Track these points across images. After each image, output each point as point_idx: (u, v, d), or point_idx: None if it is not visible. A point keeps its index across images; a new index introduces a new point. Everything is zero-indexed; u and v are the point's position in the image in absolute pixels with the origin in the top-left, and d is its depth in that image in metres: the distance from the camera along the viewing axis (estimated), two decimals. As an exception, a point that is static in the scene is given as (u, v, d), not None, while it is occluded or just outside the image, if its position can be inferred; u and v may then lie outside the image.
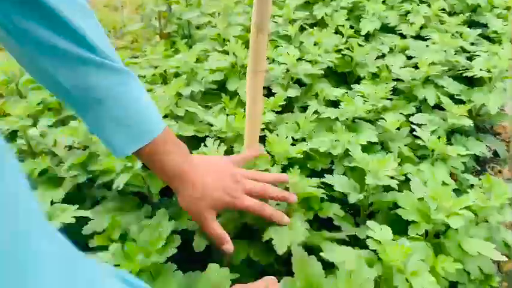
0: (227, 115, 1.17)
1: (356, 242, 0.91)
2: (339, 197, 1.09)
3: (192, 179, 0.73)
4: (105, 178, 0.92)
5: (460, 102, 1.37)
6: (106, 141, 0.69)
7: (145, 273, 0.70)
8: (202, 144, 0.97)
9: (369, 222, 0.82)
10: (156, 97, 1.10)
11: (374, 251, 0.78)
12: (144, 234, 0.74)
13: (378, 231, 0.78)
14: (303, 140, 1.17)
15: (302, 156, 1.12)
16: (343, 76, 1.53)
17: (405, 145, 1.20)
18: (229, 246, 0.77)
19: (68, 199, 0.89)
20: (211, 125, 1.13)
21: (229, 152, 1.16)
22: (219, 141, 0.97)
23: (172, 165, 0.72)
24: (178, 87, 1.15)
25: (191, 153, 0.80)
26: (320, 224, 1.05)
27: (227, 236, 0.77)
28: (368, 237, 0.79)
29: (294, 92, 1.31)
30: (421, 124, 1.26)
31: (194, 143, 1.05)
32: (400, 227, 0.89)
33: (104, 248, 0.74)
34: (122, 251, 0.70)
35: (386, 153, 1.14)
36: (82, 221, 0.83)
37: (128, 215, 0.85)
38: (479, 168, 1.36)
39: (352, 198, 0.97)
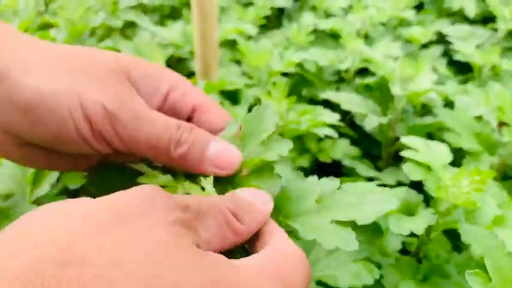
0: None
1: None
2: (349, 134, 0.74)
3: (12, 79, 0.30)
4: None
5: None
6: None
7: None
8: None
9: (404, 138, 0.47)
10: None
11: (418, 186, 0.44)
12: None
13: (425, 151, 0.43)
14: (296, 57, 0.82)
15: (295, 76, 0.78)
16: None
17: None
18: None
19: None
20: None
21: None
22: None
23: None
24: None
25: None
26: (321, 174, 0.71)
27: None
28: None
29: (282, 1, 0.95)
30: (460, 38, 0.90)
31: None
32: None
33: None
34: None
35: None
36: None
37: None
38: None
39: (371, 122, 0.61)
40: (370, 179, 0.61)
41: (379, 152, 0.74)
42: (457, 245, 0.54)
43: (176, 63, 0.83)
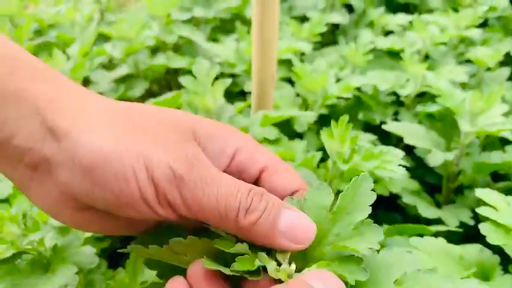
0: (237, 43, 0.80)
1: (442, 233, 0.53)
2: (408, 166, 0.70)
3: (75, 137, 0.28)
4: None
5: None
6: None
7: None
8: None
9: (479, 191, 0.43)
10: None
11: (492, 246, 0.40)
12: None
13: (506, 210, 0.39)
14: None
15: (350, 98, 0.74)
16: (406, 7, 1.12)
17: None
18: None
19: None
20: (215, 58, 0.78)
21: (232, 94, 0.80)
22: (217, 67, 0.60)
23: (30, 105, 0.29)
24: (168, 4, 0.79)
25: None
26: (377, 206, 0.68)
27: None
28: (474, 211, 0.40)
29: (338, 17, 0.92)
30: (530, 61, 0.84)
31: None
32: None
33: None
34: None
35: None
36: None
37: None
38: None
39: (436, 159, 0.57)
40: (431, 220, 0.57)
41: (436, 181, 0.70)
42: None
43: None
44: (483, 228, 0.39)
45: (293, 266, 0.28)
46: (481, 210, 0.39)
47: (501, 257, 0.40)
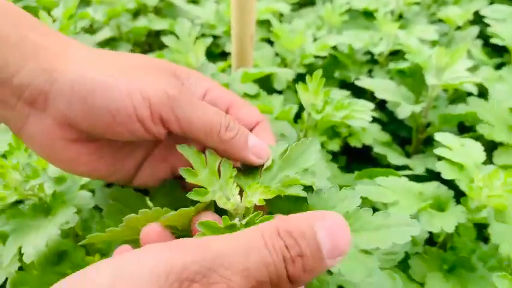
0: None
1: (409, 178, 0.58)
2: (380, 119, 0.75)
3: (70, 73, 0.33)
4: None
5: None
6: None
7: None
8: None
9: (438, 135, 0.48)
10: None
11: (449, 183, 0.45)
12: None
13: (459, 150, 0.44)
14: (329, 38, 0.81)
15: (327, 57, 0.78)
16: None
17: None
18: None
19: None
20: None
21: (213, 55, 0.83)
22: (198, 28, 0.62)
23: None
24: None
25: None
26: (351, 157, 0.72)
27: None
28: (439, 158, 0.45)
29: (316, -22, 0.94)
30: (498, 19, 0.88)
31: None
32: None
33: None
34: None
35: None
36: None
37: None
38: None
39: (404, 111, 0.62)
40: (400, 167, 0.62)
41: (408, 134, 0.74)
42: (482, 235, 0.55)
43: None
44: (439, 165, 0.43)
45: (238, 197, 0.33)
46: (438, 151, 0.44)
47: (455, 192, 0.45)
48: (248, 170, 0.38)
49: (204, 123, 0.35)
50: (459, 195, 0.44)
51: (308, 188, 0.35)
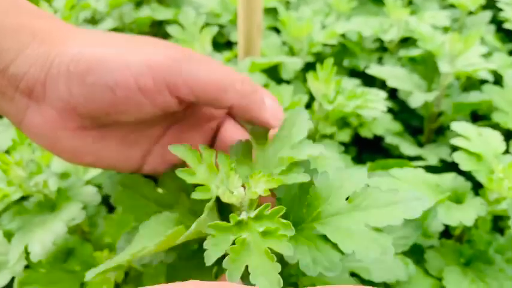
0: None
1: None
2: (392, 108, 0.73)
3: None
4: None
5: None
6: None
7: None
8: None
9: (454, 124, 0.46)
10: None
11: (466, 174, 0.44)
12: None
13: (477, 139, 0.43)
14: (337, 26, 0.79)
15: (336, 45, 0.76)
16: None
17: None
18: None
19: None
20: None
21: (219, 44, 0.81)
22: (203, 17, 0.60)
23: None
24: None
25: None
26: (361, 148, 0.71)
27: None
28: (454, 149, 0.44)
29: (323, -36, 0.91)
30: (511, 4, 0.85)
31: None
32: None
33: None
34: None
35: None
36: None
37: None
38: None
39: (417, 100, 0.60)
40: (413, 158, 0.60)
41: (420, 124, 0.73)
42: (497, 226, 0.54)
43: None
44: (456, 156, 0.42)
45: (242, 189, 0.31)
46: (455, 141, 0.42)
47: (472, 183, 0.44)
48: (241, 154, 0.36)
49: (217, 79, 0.32)
50: (476, 187, 0.43)
51: (313, 172, 0.33)
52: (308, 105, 0.58)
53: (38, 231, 0.38)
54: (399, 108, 0.74)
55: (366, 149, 0.71)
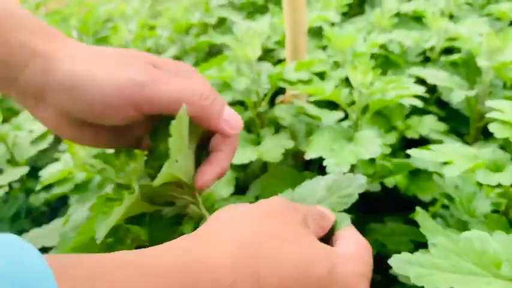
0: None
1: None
2: (436, 112, 0.75)
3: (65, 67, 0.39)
4: None
5: None
6: None
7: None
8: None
9: (489, 101, 0.48)
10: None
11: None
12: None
13: (507, 106, 0.45)
14: (379, 40, 0.84)
15: (379, 58, 0.80)
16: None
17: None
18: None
19: None
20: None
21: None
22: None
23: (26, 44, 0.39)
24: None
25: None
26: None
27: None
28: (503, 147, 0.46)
29: (364, -12, 0.98)
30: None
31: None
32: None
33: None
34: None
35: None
36: None
37: None
38: None
39: (458, 96, 0.63)
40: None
41: (466, 129, 0.74)
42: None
43: (264, 53, 0.90)
44: (491, 126, 0.44)
45: None
46: (491, 114, 0.45)
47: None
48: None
49: (176, 96, 0.37)
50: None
51: None
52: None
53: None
54: (444, 114, 0.76)
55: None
